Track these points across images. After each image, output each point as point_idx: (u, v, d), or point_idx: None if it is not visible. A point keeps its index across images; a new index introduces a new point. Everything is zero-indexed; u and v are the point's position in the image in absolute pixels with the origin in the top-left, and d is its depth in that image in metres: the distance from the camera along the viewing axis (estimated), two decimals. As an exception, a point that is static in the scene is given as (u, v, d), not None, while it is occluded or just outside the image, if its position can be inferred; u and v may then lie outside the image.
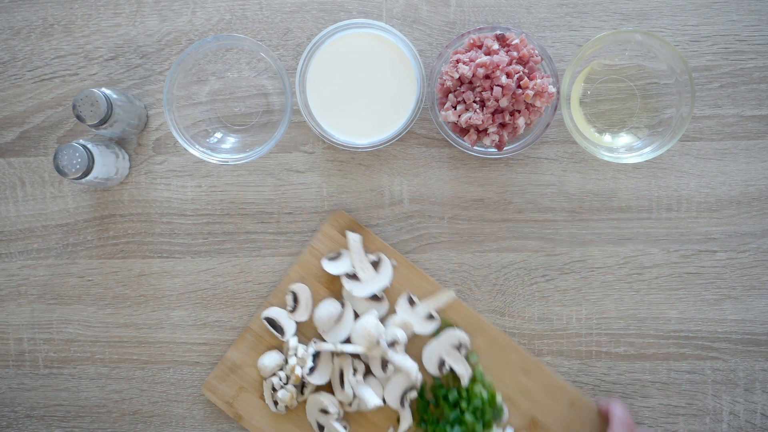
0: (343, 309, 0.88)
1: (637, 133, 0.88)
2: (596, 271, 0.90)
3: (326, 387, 0.89)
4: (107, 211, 0.93)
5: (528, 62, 0.82)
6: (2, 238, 0.94)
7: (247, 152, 0.85)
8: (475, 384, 0.87)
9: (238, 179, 0.92)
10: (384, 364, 0.87)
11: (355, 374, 0.87)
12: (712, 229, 0.89)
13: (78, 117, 0.83)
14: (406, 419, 0.88)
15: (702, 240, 0.89)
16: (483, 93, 0.81)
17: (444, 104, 0.84)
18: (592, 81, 0.88)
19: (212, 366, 0.93)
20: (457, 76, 0.81)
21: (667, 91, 0.86)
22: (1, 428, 0.95)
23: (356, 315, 0.89)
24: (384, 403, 0.87)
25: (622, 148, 0.87)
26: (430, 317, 0.88)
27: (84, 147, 0.84)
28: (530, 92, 0.81)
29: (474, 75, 0.81)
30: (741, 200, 0.88)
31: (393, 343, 0.86)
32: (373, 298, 0.89)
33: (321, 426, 0.88)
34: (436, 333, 0.89)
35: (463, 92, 0.82)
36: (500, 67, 0.80)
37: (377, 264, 0.89)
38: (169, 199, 0.92)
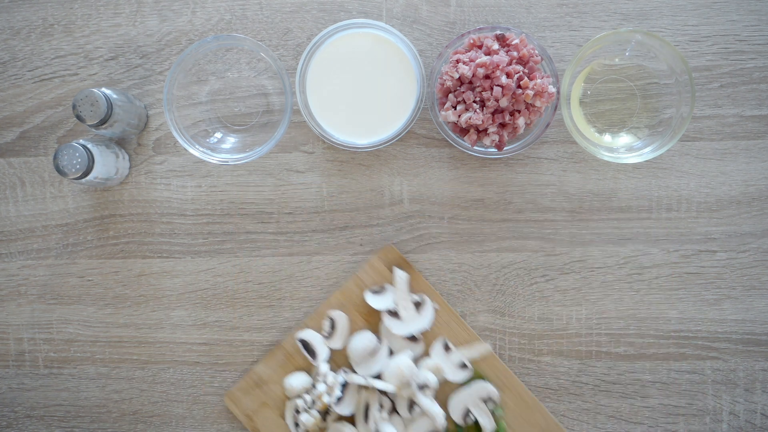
0: (379, 344, 0.88)
1: (637, 133, 0.88)
2: (596, 271, 0.90)
3: (349, 418, 0.89)
4: (107, 211, 0.93)
5: (528, 62, 0.82)
6: (2, 238, 0.94)
7: (247, 152, 0.85)
8: None
9: (238, 179, 0.92)
10: (411, 406, 0.86)
11: (381, 411, 0.86)
12: (712, 229, 0.89)
13: (78, 117, 0.83)
14: None
15: (702, 240, 0.89)
16: (483, 93, 0.81)
17: (444, 104, 0.84)
18: (592, 81, 0.88)
19: (212, 366, 0.93)
20: (457, 76, 0.81)
21: (667, 91, 0.86)
22: (1, 428, 0.95)
23: (390, 352, 0.89)
24: None
25: (622, 148, 0.87)
26: (463, 366, 0.88)
27: (84, 147, 0.84)
28: (530, 92, 0.81)
29: (474, 75, 0.81)
30: (741, 200, 0.88)
31: (424, 387, 0.85)
32: (411, 339, 0.88)
33: None
34: (467, 382, 0.88)
35: (463, 92, 0.82)
36: (500, 67, 0.80)
37: (419, 305, 0.88)
38: (169, 199, 0.92)
